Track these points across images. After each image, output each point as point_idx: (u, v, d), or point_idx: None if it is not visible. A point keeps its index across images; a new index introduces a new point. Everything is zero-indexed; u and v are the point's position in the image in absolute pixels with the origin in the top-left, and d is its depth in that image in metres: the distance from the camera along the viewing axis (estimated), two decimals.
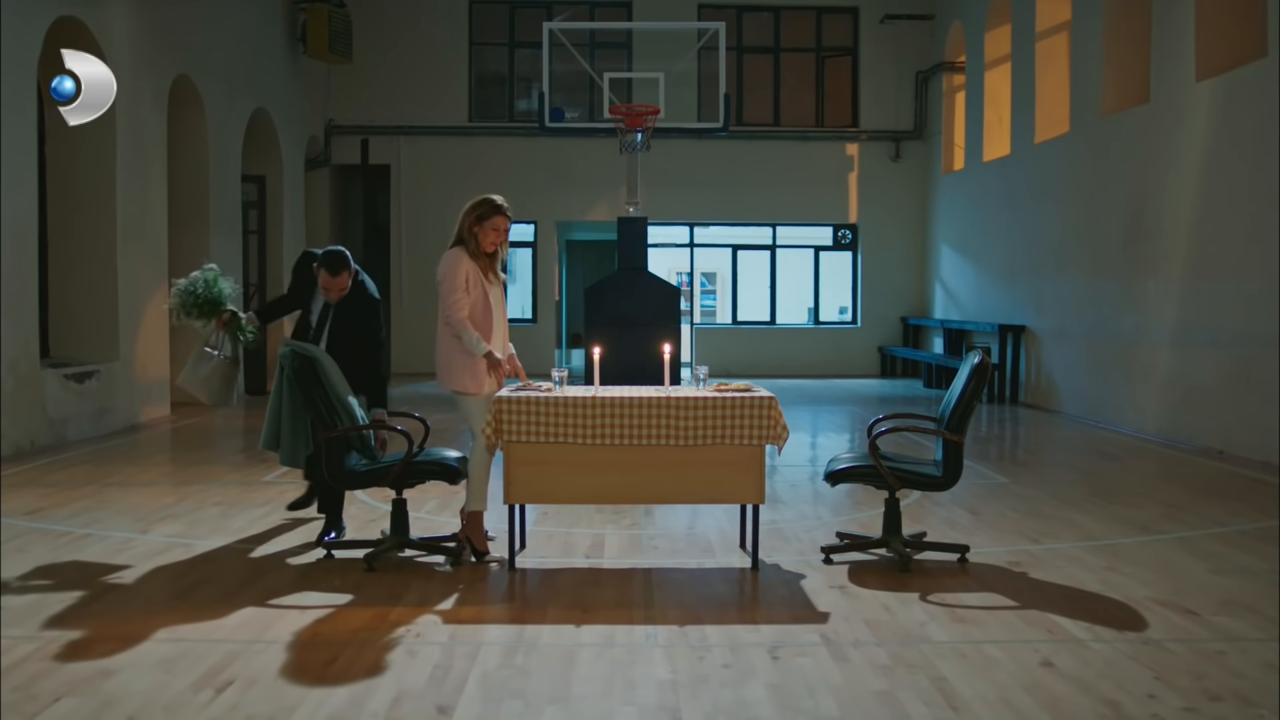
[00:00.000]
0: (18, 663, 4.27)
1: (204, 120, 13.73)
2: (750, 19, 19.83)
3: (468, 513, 6.00)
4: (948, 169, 18.67)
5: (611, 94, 15.07)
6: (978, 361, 5.82)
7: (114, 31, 11.29)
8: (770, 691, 4.05)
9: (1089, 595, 5.35)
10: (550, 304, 19.84)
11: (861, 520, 7.06)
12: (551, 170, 19.23)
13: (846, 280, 20.26)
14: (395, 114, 19.10)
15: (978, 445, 10.80)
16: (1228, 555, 6.19)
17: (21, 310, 9.78)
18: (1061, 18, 13.95)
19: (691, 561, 6.05)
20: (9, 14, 9.53)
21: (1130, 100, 12.29)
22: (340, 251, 6.30)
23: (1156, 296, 11.47)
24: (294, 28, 17.08)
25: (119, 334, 11.46)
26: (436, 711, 3.86)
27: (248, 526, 6.76)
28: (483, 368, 5.90)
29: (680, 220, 19.69)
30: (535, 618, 4.97)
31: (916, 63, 19.40)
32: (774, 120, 19.87)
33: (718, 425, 5.64)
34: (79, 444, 10.28)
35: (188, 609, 5.04)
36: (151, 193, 12.34)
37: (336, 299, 6.31)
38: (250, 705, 3.89)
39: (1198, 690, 4.07)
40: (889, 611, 5.04)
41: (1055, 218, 14.01)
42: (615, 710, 3.91)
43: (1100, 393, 12.61)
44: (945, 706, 3.90)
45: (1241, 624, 4.87)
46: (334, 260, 6.23)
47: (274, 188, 16.18)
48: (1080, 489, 8.39)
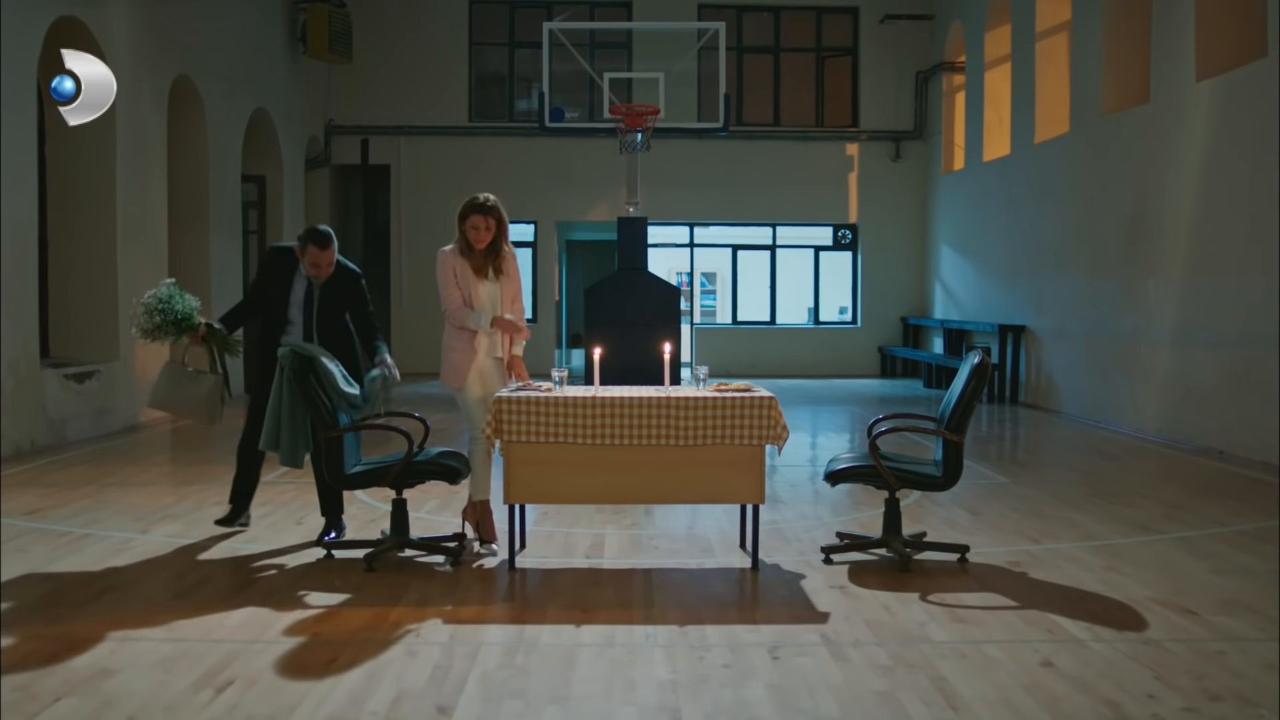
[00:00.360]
0: (18, 663, 4.27)
1: (204, 120, 13.73)
2: (750, 19, 19.83)
3: (475, 501, 6.12)
4: (948, 169, 18.67)
5: (611, 94, 15.07)
6: (978, 361, 5.82)
7: (114, 31, 11.29)
8: (770, 691, 4.05)
9: (1089, 595, 5.35)
10: (550, 304, 19.85)
11: (861, 520, 7.06)
12: (551, 170, 19.24)
13: (846, 280, 20.26)
14: (395, 114, 19.10)
15: (978, 445, 10.80)
16: (1228, 555, 6.19)
17: (21, 310, 9.78)
18: (1061, 18, 13.95)
19: (691, 561, 6.05)
20: (9, 14, 9.53)
21: (1130, 100, 12.29)
22: (323, 227, 6.36)
23: (1156, 296, 11.47)
24: (294, 28, 17.09)
25: (119, 334, 11.46)
26: (436, 711, 3.86)
27: (248, 526, 6.75)
28: (461, 362, 6.03)
29: (680, 220, 19.69)
30: (535, 618, 4.97)
31: (916, 63, 19.40)
32: (774, 120, 19.87)
33: (718, 425, 5.64)
34: (79, 444, 10.28)
35: (188, 609, 5.04)
36: (151, 193, 12.34)
37: (325, 276, 6.30)
38: (250, 705, 3.89)
39: (1198, 690, 4.07)
40: (889, 611, 5.04)
41: (1055, 218, 14.01)
42: (615, 710, 3.91)
43: (1100, 393, 12.61)
44: (945, 706, 3.90)
45: (1241, 624, 4.87)
46: (321, 235, 6.27)
47: (274, 188, 16.19)
48: (1080, 489, 8.39)
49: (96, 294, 11.31)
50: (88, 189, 11.26)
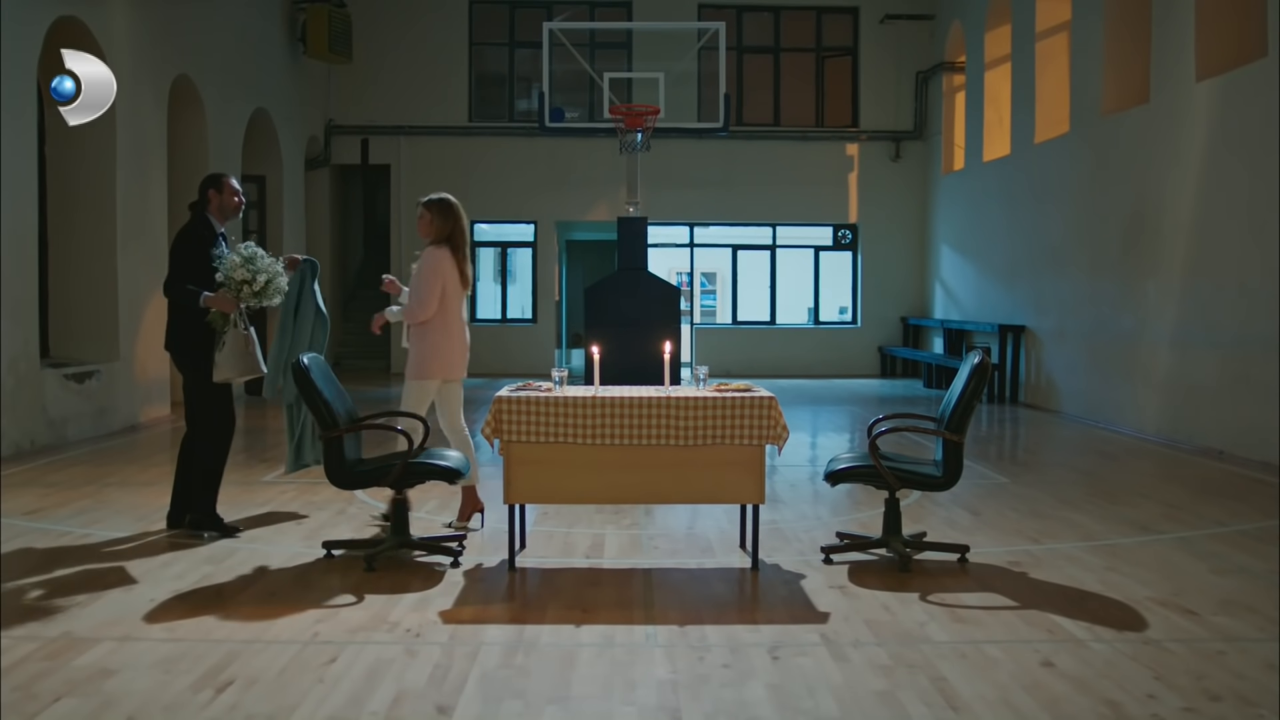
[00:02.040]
0: (18, 663, 4.27)
1: (204, 120, 13.73)
2: (750, 19, 19.83)
3: (470, 487, 6.62)
4: (948, 169, 18.67)
5: (611, 94, 15.07)
6: (978, 361, 5.82)
7: (114, 31, 11.29)
8: (770, 691, 4.05)
9: (1089, 595, 5.35)
10: (550, 304, 19.85)
11: (861, 520, 7.06)
12: (551, 170, 19.25)
13: (846, 280, 20.27)
14: (395, 114, 19.12)
15: (978, 445, 10.80)
16: (1228, 555, 6.19)
17: (21, 310, 9.78)
18: (1061, 18, 13.95)
19: (691, 561, 6.05)
20: (9, 14, 9.53)
21: (1130, 100, 12.29)
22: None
23: (1156, 297, 11.47)
24: (294, 28, 17.09)
25: (119, 334, 11.47)
26: (436, 711, 3.86)
27: (247, 527, 6.76)
28: (455, 353, 6.64)
29: (680, 220, 19.70)
30: (535, 618, 4.97)
31: (916, 63, 19.40)
32: (774, 120, 19.88)
33: (718, 425, 5.64)
34: (79, 444, 10.28)
35: (188, 609, 5.04)
36: (151, 193, 12.34)
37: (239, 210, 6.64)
38: (250, 705, 3.89)
39: (1198, 690, 4.07)
40: (889, 611, 5.04)
41: (1055, 218, 14.01)
42: (615, 710, 3.91)
43: (1100, 393, 12.61)
44: (945, 706, 3.90)
45: (1241, 624, 4.87)
46: (219, 174, 6.61)
47: (274, 188, 16.19)
48: (1080, 489, 8.39)
49: (96, 294, 11.31)
50: (88, 189, 11.26)
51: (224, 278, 6.24)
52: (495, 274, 20.81)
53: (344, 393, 6.16)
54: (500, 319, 20.16)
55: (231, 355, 6.32)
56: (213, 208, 6.47)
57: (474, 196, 19.29)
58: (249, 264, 6.24)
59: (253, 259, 6.26)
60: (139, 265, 11.88)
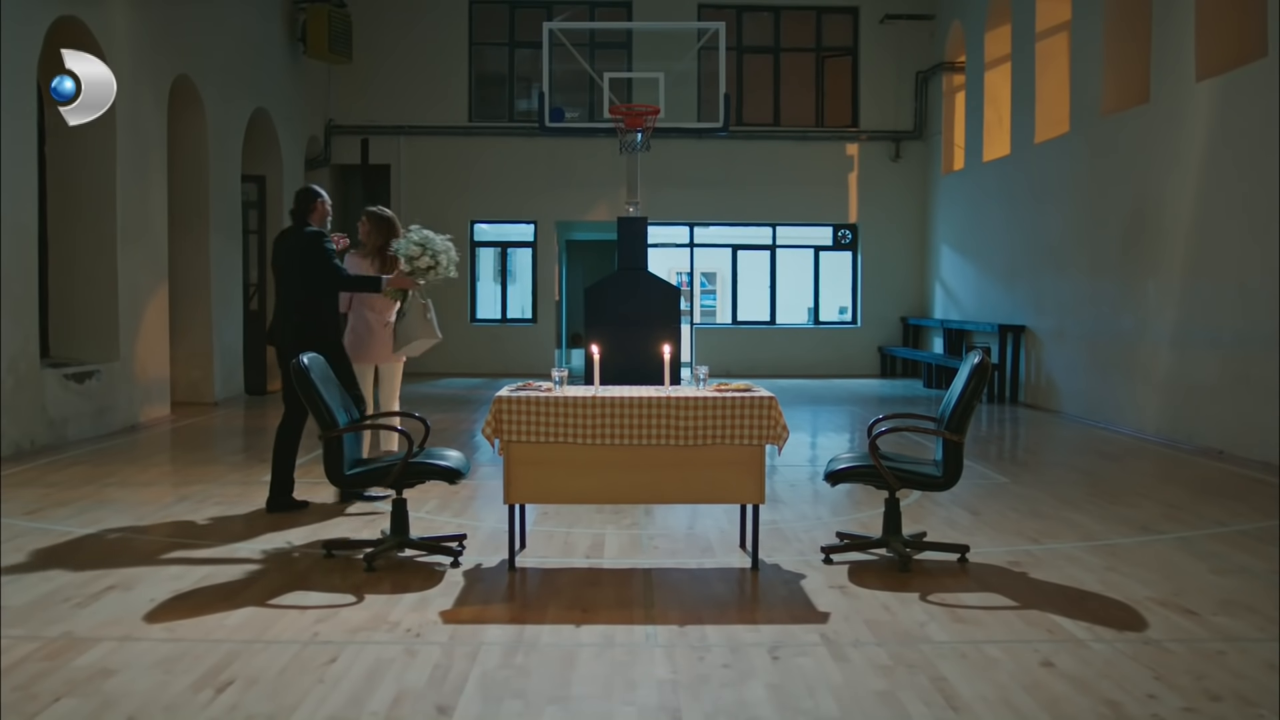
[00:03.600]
0: (18, 663, 4.27)
1: (204, 120, 13.73)
2: (750, 19, 19.83)
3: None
4: (948, 169, 18.67)
5: (611, 94, 15.06)
6: (978, 361, 5.82)
7: (114, 31, 11.29)
8: (770, 691, 4.05)
9: (1089, 595, 5.35)
10: (550, 304, 19.85)
11: (861, 520, 7.06)
12: (551, 170, 19.24)
13: (846, 280, 20.26)
14: (395, 114, 19.11)
15: (978, 445, 10.80)
16: (1228, 555, 6.19)
17: (21, 310, 9.78)
18: (1061, 18, 13.95)
19: (691, 561, 6.05)
20: (9, 14, 9.53)
21: (1130, 100, 12.29)
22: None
23: (1156, 296, 11.48)
24: (294, 28, 17.08)
25: (119, 334, 11.46)
26: (436, 711, 3.86)
27: (248, 527, 6.76)
28: None
29: (680, 220, 19.69)
30: (535, 618, 4.97)
31: (916, 63, 19.40)
32: (774, 120, 19.88)
33: (718, 425, 5.64)
34: (79, 444, 10.28)
35: (188, 609, 5.04)
36: (151, 193, 12.34)
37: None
38: (250, 705, 3.89)
39: (1198, 690, 4.07)
40: (889, 611, 5.04)
41: (1055, 218, 14.01)
42: (615, 710, 3.91)
43: (1100, 393, 12.61)
44: (945, 706, 3.90)
45: (1241, 624, 4.87)
46: (315, 189, 7.52)
47: (274, 188, 16.17)
48: (1080, 489, 8.39)
49: (96, 294, 11.31)
50: (88, 189, 11.26)
51: (408, 266, 6.91)
52: (495, 274, 20.81)
53: (344, 393, 6.16)
54: (500, 319, 20.15)
55: (415, 322, 7.13)
56: (315, 216, 7.25)
57: (474, 196, 19.31)
58: (426, 247, 6.87)
59: (425, 242, 6.88)
60: (139, 265, 11.88)
